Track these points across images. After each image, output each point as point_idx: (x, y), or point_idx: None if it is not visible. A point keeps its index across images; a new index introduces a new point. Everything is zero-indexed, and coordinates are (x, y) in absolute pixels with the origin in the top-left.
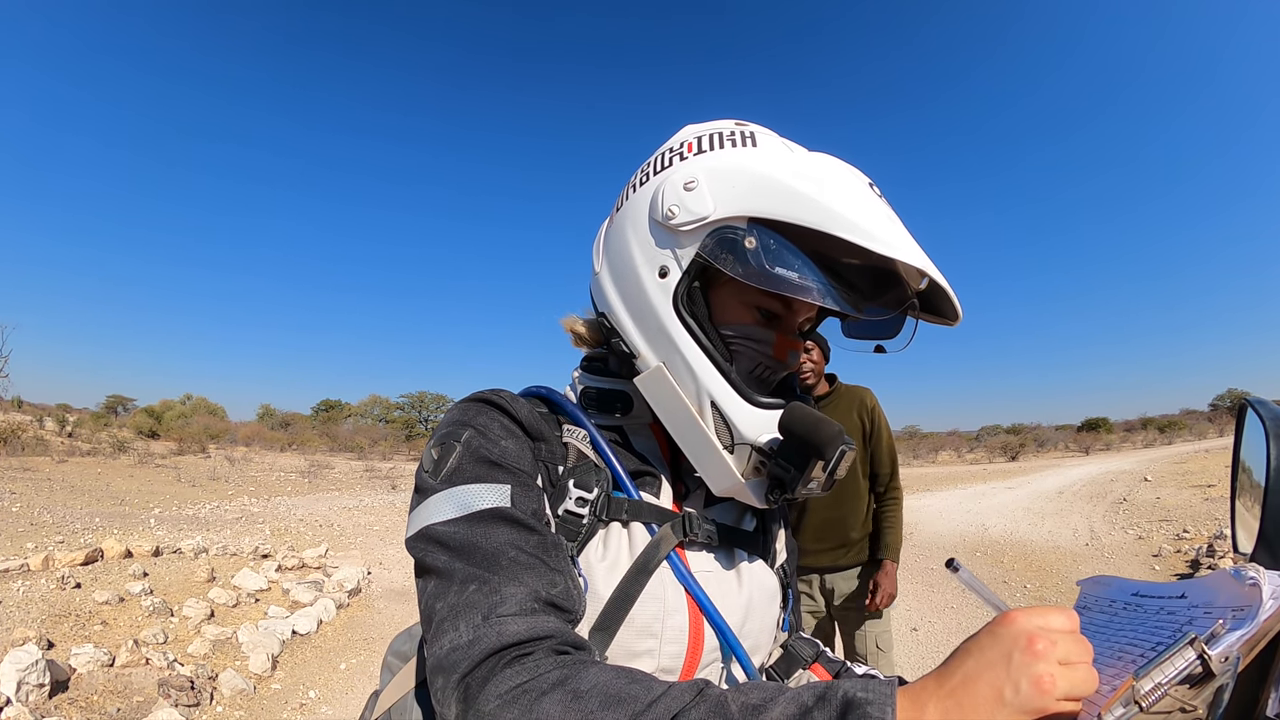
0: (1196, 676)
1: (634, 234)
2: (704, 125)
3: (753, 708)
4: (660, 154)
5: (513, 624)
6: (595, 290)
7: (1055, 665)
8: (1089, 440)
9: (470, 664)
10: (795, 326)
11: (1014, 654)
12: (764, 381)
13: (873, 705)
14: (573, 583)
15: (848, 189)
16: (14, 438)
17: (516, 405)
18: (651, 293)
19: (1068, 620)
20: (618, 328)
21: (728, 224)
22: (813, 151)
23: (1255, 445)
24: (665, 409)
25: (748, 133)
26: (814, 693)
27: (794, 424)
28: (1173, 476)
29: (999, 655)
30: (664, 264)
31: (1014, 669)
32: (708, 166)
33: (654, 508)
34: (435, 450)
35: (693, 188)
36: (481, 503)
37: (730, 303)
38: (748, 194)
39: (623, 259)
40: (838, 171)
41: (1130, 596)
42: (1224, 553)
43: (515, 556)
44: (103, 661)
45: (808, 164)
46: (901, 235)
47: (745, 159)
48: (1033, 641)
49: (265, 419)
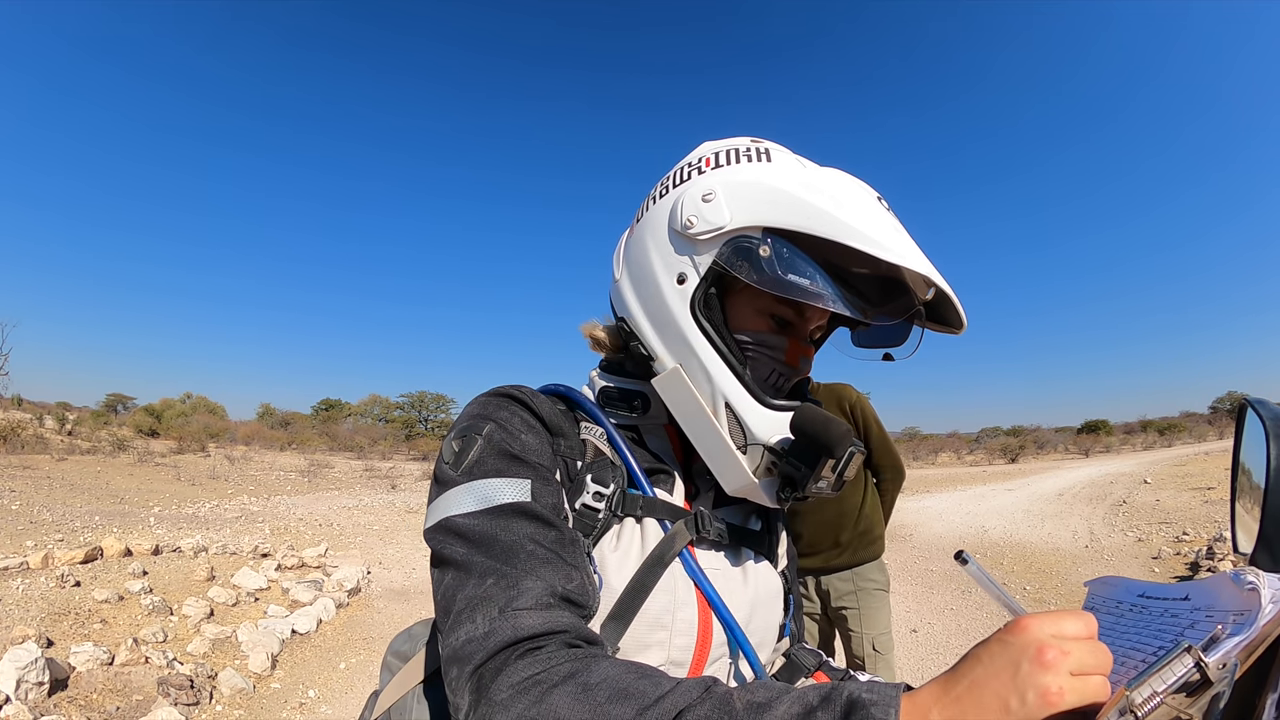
0: (1194, 684)
1: (654, 243)
2: (721, 142)
3: (758, 705)
4: (679, 168)
5: (528, 618)
6: (615, 296)
7: (1066, 677)
8: (1089, 442)
9: (485, 655)
10: (807, 333)
11: (1022, 663)
12: (777, 388)
13: (876, 707)
14: (588, 578)
15: (857, 201)
16: (14, 436)
17: (537, 401)
18: (670, 298)
19: (1084, 627)
20: (636, 332)
21: (743, 233)
22: (824, 167)
23: (1255, 446)
24: (681, 409)
25: (763, 149)
26: (819, 693)
27: (805, 424)
28: (1172, 479)
29: (1007, 663)
30: (682, 271)
31: (1021, 679)
32: (725, 180)
33: (667, 505)
34: (456, 443)
35: (710, 199)
36: (502, 496)
37: (745, 310)
38: (762, 205)
39: (642, 267)
40: (847, 185)
41: (1136, 598)
42: (1223, 555)
43: (534, 551)
44: (102, 660)
45: (819, 178)
46: (908, 245)
47: (760, 173)
48: (1043, 651)
49: (265, 418)
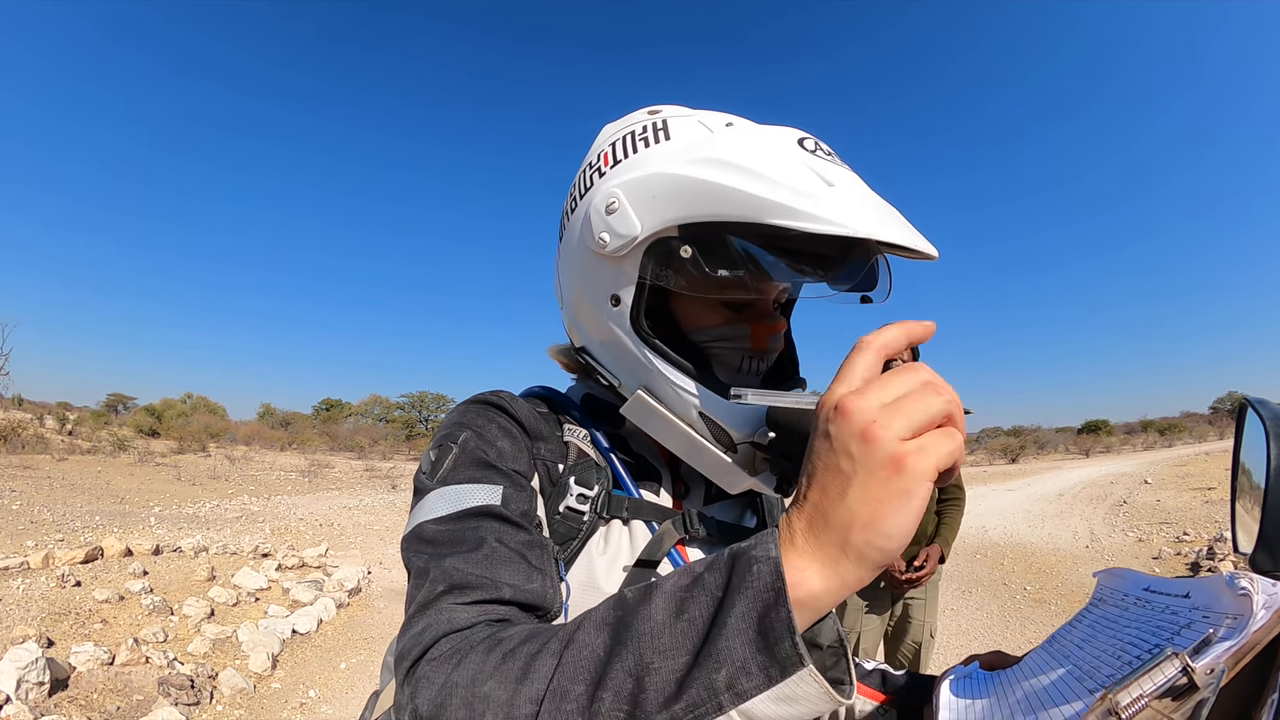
0: (1180, 688)
1: (577, 270)
2: (618, 124)
3: (646, 587)
4: (583, 170)
5: (463, 611)
6: (566, 326)
7: (908, 445)
8: (1089, 442)
9: (420, 650)
10: (768, 310)
11: (851, 446)
12: (753, 373)
13: (757, 547)
14: (550, 583)
15: (771, 162)
16: (14, 435)
17: (516, 405)
18: (612, 323)
19: (908, 380)
20: (593, 364)
21: (659, 237)
22: (736, 120)
23: (1255, 445)
24: (657, 431)
25: (659, 123)
26: (704, 561)
27: (780, 415)
28: (1173, 479)
29: (843, 454)
30: (613, 292)
31: (861, 468)
32: (624, 180)
33: (654, 506)
34: (433, 452)
35: (615, 209)
36: (473, 500)
37: (694, 308)
38: (668, 201)
39: (575, 296)
40: (759, 144)
41: (1141, 591)
42: (1224, 555)
43: (495, 549)
44: (102, 660)
45: (726, 145)
46: (838, 199)
47: (658, 160)
48: (868, 430)
49: (266, 418)
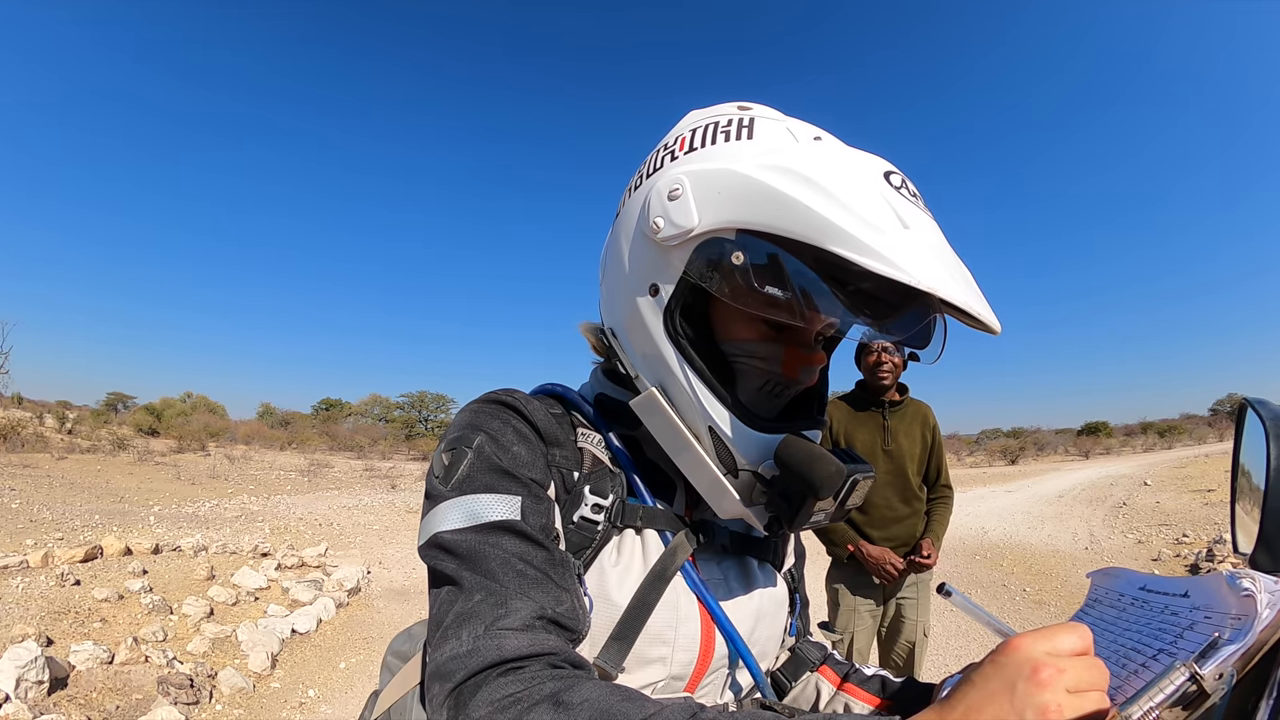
0: (1191, 696)
1: (626, 248)
2: (704, 112)
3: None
4: (657, 150)
5: (513, 638)
6: (601, 303)
7: (1063, 694)
8: (1089, 444)
9: (466, 674)
10: (808, 339)
11: (1018, 684)
12: (774, 396)
13: None
14: (578, 601)
15: (848, 187)
16: (14, 434)
17: (531, 407)
18: (643, 312)
19: (1078, 641)
20: (616, 348)
21: (714, 236)
22: (826, 136)
23: (1255, 446)
24: (662, 435)
25: (746, 120)
26: None
27: (789, 458)
28: (1172, 481)
29: (1002, 685)
30: (654, 281)
31: (1018, 700)
32: (694, 169)
33: (668, 515)
34: (446, 455)
35: (677, 195)
36: (491, 514)
37: (732, 317)
38: (733, 201)
39: (616, 274)
40: (841, 166)
41: (1137, 591)
42: (1223, 557)
43: (523, 570)
44: (102, 659)
45: (805, 158)
46: (910, 244)
47: (733, 157)
48: (1038, 670)
49: (265, 417)
